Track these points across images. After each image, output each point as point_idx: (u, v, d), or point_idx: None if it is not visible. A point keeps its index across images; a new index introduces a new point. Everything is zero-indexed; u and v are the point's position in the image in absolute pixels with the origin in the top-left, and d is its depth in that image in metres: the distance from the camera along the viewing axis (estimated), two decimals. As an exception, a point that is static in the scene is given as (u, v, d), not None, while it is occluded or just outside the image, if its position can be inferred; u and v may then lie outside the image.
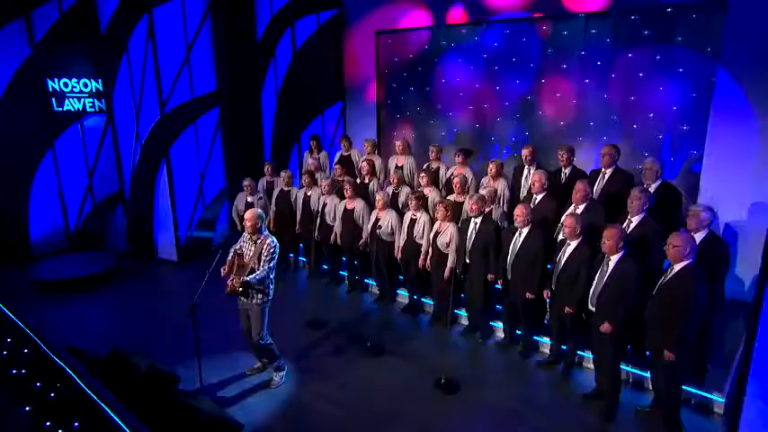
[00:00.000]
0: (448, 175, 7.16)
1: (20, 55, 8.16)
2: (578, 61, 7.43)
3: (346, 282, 7.61)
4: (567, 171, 6.10)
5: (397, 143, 7.64)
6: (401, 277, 7.00)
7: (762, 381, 2.92)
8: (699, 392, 4.72)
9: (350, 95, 10.33)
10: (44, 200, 8.82)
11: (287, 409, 4.81)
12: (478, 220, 5.71)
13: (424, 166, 7.50)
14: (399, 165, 7.58)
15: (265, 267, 4.65)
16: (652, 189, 5.20)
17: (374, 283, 7.28)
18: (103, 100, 8.67)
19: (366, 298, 7.29)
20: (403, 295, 7.03)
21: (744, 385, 2.95)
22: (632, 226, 4.79)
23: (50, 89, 8.45)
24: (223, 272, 4.76)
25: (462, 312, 6.43)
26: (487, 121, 8.48)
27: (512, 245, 5.34)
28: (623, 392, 4.78)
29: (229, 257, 4.82)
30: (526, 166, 6.40)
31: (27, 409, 3.67)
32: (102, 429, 3.51)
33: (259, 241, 4.72)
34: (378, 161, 7.79)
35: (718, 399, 4.64)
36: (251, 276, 4.60)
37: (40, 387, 4.10)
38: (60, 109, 8.57)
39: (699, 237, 4.45)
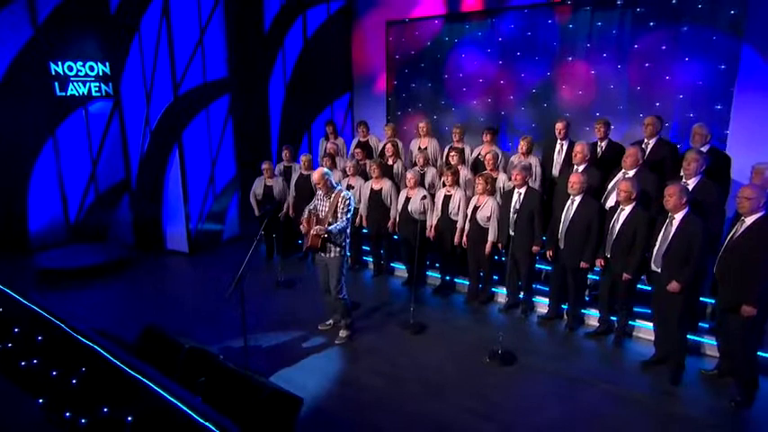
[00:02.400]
0: (474, 155, 6.99)
1: (21, 37, 7.68)
2: (599, 43, 7.44)
3: (372, 267, 7.32)
4: (604, 144, 6.01)
5: (421, 125, 7.44)
6: (428, 262, 6.76)
7: None
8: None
9: (358, 86, 10.13)
10: (44, 190, 8.27)
11: (341, 386, 4.48)
12: (522, 190, 5.53)
13: (447, 147, 7.31)
14: (423, 147, 7.37)
15: (344, 218, 4.85)
16: (701, 153, 5.12)
17: (402, 267, 7.02)
18: (111, 84, 8.21)
19: (393, 282, 7.01)
20: (433, 277, 6.79)
21: None
22: (689, 188, 4.68)
23: (53, 72, 7.96)
24: (303, 228, 4.99)
25: (499, 290, 6.23)
26: (504, 108, 8.39)
27: (564, 213, 5.18)
28: (682, 358, 4.63)
29: (305, 216, 5.06)
30: (558, 140, 6.28)
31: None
32: (156, 408, 3.17)
33: (333, 196, 4.89)
34: (399, 144, 7.57)
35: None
36: (333, 226, 4.78)
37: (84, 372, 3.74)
38: (63, 94, 8.07)
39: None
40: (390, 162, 7.25)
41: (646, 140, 5.59)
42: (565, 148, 6.22)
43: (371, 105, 9.88)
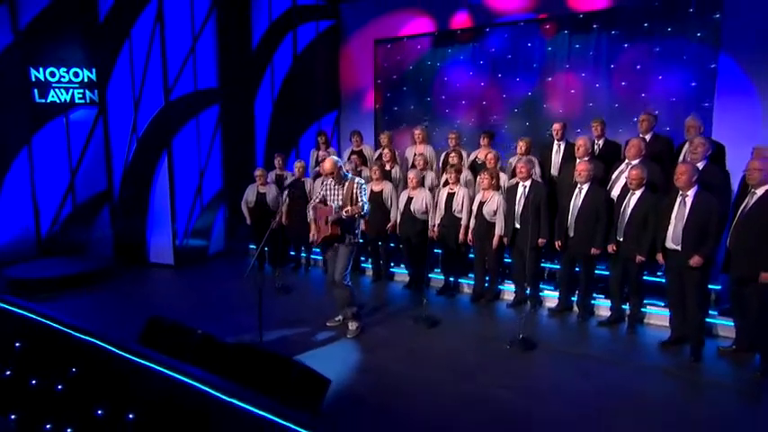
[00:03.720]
0: (472, 158, 7.08)
1: (0, 41, 7.41)
2: (581, 57, 7.83)
3: (370, 273, 7.16)
4: (601, 142, 6.21)
5: (417, 132, 7.50)
6: (431, 263, 6.69)
7: None
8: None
9: (346, 102, 10.20)
10: (14, 203, 7.78)
11: (362, 373, 4.27)
12: (527, 183, 5.60)
13: (444, 154, 7.38)
14: (419, 153, 7.41)
15: (364, 200, 4.86)
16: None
17: (402, 272, 6.89)
18: (96, 91, 7.95)
19: (394, 286, 6.85)
20: (436, 279, 6.68)
21: None
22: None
23: (33, 79, 7.66)
24: (315, 223, 4.98)
25: (505, 287, 6.18)
26: (493, 121, 8.61)
27: (572, 202, 5.25)
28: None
29: (310, 215, 5.10)
30: (556, 141, 6.45)
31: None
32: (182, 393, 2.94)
33: (347, 184, 4.89)
34: (396, 151, 7.60)
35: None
36: (363, 208, 4.82)
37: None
38: (43, 101, 7.75)
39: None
40: (388, 167, 7.24)
41: (642, 136, 5.80)
42: (563, 147, 6.38)
43: (359, 121, 9.93)
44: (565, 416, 3.57)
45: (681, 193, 4.45)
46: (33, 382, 3.56)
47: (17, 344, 3.84)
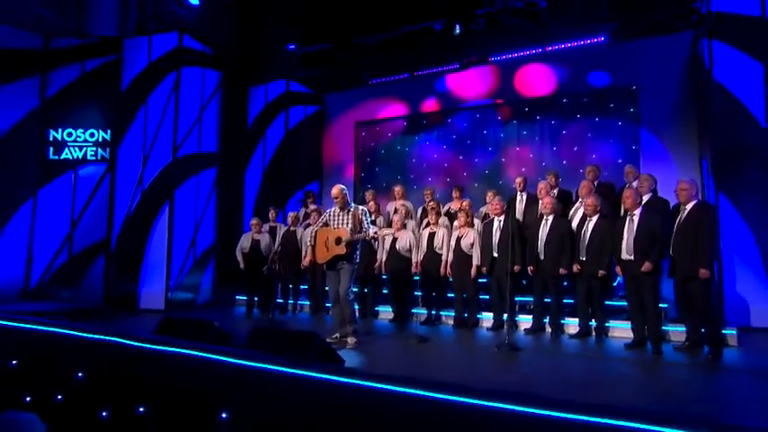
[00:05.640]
0: (446, 208, 7.74)
1: (26, 106, 7.86)
2: (529, 140, 9.04)
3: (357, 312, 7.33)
4: (556, 191, 7.04)
5: (396, 188, 8.19)
6: (416, 294, 7.03)
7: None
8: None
9: (328, 173, 10.93)
10: (9, 252, 7.72)
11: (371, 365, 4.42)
12: (501, 218, 6.24)
13: (421, 208, 8.03)
14: (401, 204, 8.04)
15: (369, 224, 5.27)
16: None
17: (387, 309, 7.14)
18: (108, 149, 8.33)
19: (379, 323, 7.03)
20: (419, 313, 6.95)
21: None
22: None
23: (50, 138, 8.03)
24: (318, 247, 5.28)
25: (484, 316, 6.52)
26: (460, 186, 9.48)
27: (540, 231, 5.88)
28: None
29: (309, 242, 5.52)
30: (518, 192, 7.25)
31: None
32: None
33: (352, 209, 5.27)
34: (379, 204, 8.20)
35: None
36: (373, 230, 5.22)
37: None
38: (56, 158, 8.06)
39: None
40: (373, 217, 7.77)
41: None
42: (525, 197, 7.16)
43: (340, 191, 10.60)
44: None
45: (629, 213, 5.18)
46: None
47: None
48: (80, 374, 4.11)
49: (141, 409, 3.62)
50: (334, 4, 9.93)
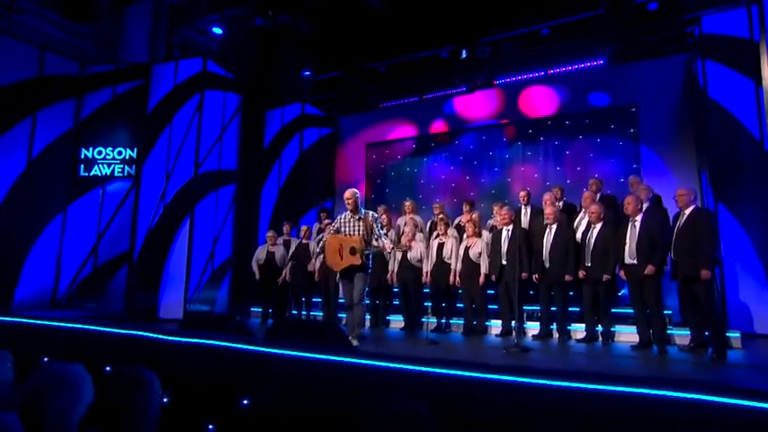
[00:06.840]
0: (456, 222, 7.87)
1: (61, 128, 8.22)
2: (534, 161, 9.21)
3: (368, 322, 7.39)
4: (561, 204, 7.15)
5: (407, 203, 8.32)
6: (427, 304, 7.07)
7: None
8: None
9: (340, 193, 11.11)
10: (40, 263, 7.93)
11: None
12: (510, 227, 6.35)
13: (430, 222, 8.16)
14: (411, 218, 8.17)
15: (381, 233, 5.29)
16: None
17: (398, 318, 7.19)
18: (134, 166, 8.62)
19: (390, 331, 7.08)
20: (429, 322, 6.99)
21: None
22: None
23: (82, 156, 8.35)
24: (332, 254, 5.21)
25: (492, 323, 6.55)
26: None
27: (545, 239, 5.97)
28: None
29: (317, 248, 5.67)
30: (523, 206, 7.37)
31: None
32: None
33: (364, 215, 5.29)
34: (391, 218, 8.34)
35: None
36: (384, 241, 5.26)
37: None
38: (86, 174, 8.35)
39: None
40: (385, 230, 7.90)
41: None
42: (529, 210, 7.28)
43: (352, 208, 10.78)
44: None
45: (631, 219, 5.27)
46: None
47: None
48: (107, 369, 4.23)
49: (165, 400, 3.71)
50: (346, 34, 10.34)
